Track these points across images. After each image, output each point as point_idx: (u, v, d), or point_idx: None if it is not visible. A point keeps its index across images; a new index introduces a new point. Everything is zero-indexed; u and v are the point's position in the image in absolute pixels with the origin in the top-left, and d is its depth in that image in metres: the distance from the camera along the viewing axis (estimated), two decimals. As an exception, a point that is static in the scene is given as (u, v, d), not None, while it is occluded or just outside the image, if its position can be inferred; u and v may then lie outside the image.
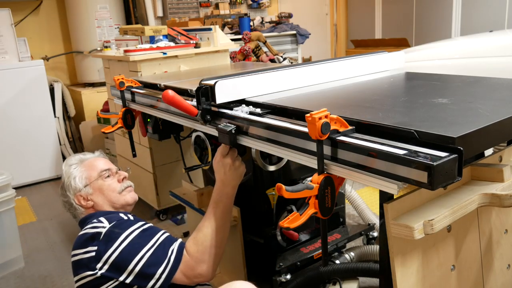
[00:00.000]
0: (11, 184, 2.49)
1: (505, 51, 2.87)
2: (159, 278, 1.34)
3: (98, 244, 1.36)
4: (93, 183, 1.57)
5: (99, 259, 1.34)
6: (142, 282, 1.34)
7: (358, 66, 1.81)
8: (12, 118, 3.80)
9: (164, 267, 1.35)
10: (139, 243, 1.36)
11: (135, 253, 1.34)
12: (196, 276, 1.39)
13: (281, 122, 1.25)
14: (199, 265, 1.39)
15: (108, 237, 1.37)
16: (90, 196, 1.56)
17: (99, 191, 1.56)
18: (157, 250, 1.36)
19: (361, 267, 1.83)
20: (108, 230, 1.38)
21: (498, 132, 1.05)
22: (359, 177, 1.02)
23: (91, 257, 1.35)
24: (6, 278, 2.44)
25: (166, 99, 1.49)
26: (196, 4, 5.23)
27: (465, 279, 1.25)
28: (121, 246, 1.35)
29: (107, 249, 1.35)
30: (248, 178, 1.88)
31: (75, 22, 4.55)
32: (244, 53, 3.66)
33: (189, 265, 1.38)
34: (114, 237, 1.37)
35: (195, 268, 1.38)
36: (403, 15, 5.87)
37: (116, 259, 1.33)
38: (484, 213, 1.29)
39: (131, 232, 1.39)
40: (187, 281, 1.39)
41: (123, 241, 1.36)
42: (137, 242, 1.36)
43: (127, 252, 1.34)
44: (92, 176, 1.58)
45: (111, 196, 1.57)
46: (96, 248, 1.36)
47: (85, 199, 1.56)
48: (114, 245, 1.35)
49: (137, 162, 2.93)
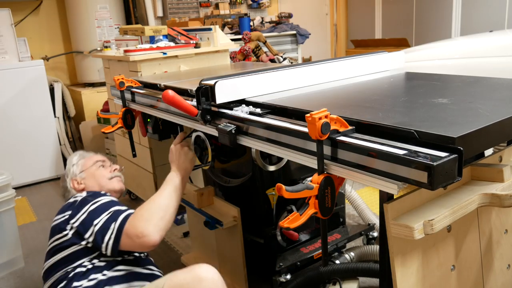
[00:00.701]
0: (11, 184, 2.49)
1: (505, 51, 2.87)
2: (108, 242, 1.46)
3: (72, 209, 1.57)
4: (88, 169, 1.79)
5: (71, 219, 1.53)
6: (97, 244, 1.48)
7: (358, 66, 1.81)
8: (12, 118, 3.80)
9: (113, 228, 1.47)
10: (101, 209, 1.53)
11: (97, 216, 1.51)
12: (138, 234, 1.43)
13: (281, 122, 1.25)
14: (142, 224, 1.45)
15: (81, 203, 1.58)
16: (83, 180, 1.77)
17: (91, 176, 1.78)
18: (114, 213, 1.51)
19: (361, 267, 1.83)
20: (83, 198, 1.60)
21: (498, 132, 1.05)
22: (359, 177, 1.02)
23: (65, 220, 1.55)
24: (6, 278, 2.44)
25: (166, 99, 1.49)
26: (196, 4, 5.23)
27: (465, 279, 1.25)
28: (89, 209, 1.53)
29: (78, 212, 1.54)
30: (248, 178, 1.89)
31: (75, 22, 4.55)
32: (244, 53, 3.66)
33: (132, 224, 1.46)
34: (85, 203, 1.57)
35: (138, 225, 1.45)
36: (403, 15, 5.87)
37: (84, 219, 1.51)
38: (484, 213, 1.29)
39: (100, 200, 1.58)
40: (130, 242, 1.45)
41: (91, 205, 1.55)
42: (101, 208, 1.54)
43: (92, 214, 1.52)
44: (87, 164, 1.81)
45: (101, 180, 1.77)
46: (70, 212, 1.56)
47: (78, 183, 1.76)
48: (83, 209, 1.54)
49: (137, 162, 2.93)
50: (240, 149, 1.85)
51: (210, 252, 2.12)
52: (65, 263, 1.51)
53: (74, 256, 1.51)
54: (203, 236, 2.15)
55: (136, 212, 1.51)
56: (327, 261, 1.91)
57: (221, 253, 2.04)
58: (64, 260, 1.52)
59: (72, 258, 1.51)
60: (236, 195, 2.04)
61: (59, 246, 1.53)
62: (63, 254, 1.52)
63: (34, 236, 2.94)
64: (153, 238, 1.44)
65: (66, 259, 1.51)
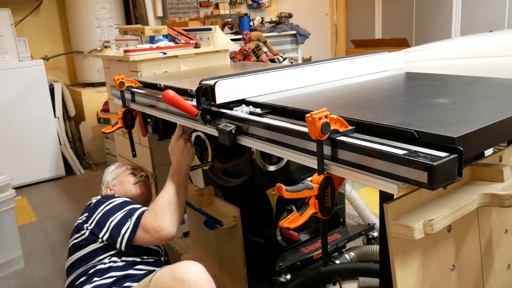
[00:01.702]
0: (11, 184, 2.49)
1: (505, 51, 2.87)
2: (124, 235, 1.57)
3: (89, 211, 1.70)
4: (118, 177, 1.95)
5: (88, 220, 1.66)
6: (112, 239, 1.58)
7: (358, 66, 1.81)
8: (12, 118, 3.80)
9: (129, 224, 1.58)
10: (117, 208, 1.65)
11: (112, 214, 1.62)
12: (156, 229, 1.56)
13: (281, 122, 1.25)
14: (159, 219, 1.57)
15: (96, 204, 1.70)
16: (113, 187, 1.92)
17: (120, 182, 1.93)
18: (129, 211, 1.63)
19: (361, 267, 1.83)
20: (97, 200, 1.73)
21: (498, 132, 1.05)
22: (359, 177, 1.02)
23: (83, 221, 1.68)
24: (6, 278, 2.44)
25: (166, 99, 1.49)
26: (196, 4, 5.23)
27: (465, 279, 1.25)
28: (104, 209, 1.65)
29: (95, 211, 1.67)
30: (248, 178, 1.89)
31: (75, 22, 4.54)
32: (244, 53, 3.66)
33: (149, 219, 1.58)
34: (99, 204, 1.69)
35: (155, 221, 1.57)
36: (403, 15, 5.87)
37: (98, 219, 1.63)
38: (484, 213, 1.29)
39: (114, 201, 1.69)
40: (148, 236, 1.57)
41: (106, 206, 1.67)
42: (115, 208, 1.65)
43: (107, 213, 1.63)
44: (119, 172, 1.98)
45: (126, 185, 1.91)
46: (87, 214, 1.69)
47: (110, 189, 1.92)
48: (98, 210, 1.66)
49: (137, 162, 2.92)
50: (240, 149, 1.85)
51: (210, 252, 2.12)
52: (85, 260, 1.61)
53: (93, 253, 1.61)
54: (203, 236, 2.15)
55: (151, 208, 1.62)
56: (327, 261, 1.91)
57: (221, 253, 2.04)
58: (84, 257, 1.62)
59: (92, 256, 1.61)
60: (236, 195, 2.04)
61: (79, 244, 1.64)
62: (83, 252, 1.63)
63: (34, 236, 2.94)
64: (170, 231, 1.57)
65: (86, 256, 1.62)
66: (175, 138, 1.78)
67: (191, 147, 1.78)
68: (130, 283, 1.51)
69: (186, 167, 1.74)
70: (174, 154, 1.76)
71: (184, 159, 1.74)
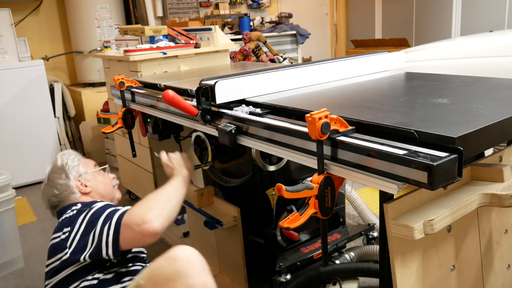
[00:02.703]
0: (11, 184, 2.49)
1: (505, 51, 2.87)
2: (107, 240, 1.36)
3: (70, 224, 1.45)
4: (93, 172, 1.71)
5: (69, 237, 1.42)
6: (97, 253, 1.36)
7: (358, 66, 1.81)
8: (12, 118, 3.80)
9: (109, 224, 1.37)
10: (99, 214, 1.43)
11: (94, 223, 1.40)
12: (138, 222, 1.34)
13: (281, 122, 1.25)
14: (142, 211, 1.37)
15: (76, 214, 1.48)
16: (87, 183, 1.67)
17: (95, 181, 1.70)
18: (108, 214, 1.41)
19: (361, 267, 1.83)
20: (78, 210, 1.49)
21: (498, 132, 1.05)
22: (359, 177, 1.02)
23: (65, 238, 1.43)
24: (6, 278, 2.44)
25: (166, 99, 1.49)
26: (196, 4, 5.23)
27: (465, 279, 1.25)
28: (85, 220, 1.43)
29: (74, 224, 1.44)
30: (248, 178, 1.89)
31: (75, 22, 4.54)
32: (244, 53, 3.66)
33: (131, 212, 1.38)
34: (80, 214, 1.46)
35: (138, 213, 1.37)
36: (403, 15, 5.87)
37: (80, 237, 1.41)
38: (484, 213, 1.29)
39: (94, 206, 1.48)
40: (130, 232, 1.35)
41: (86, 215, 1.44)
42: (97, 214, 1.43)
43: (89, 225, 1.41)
44: (90, 166, 1.74)
45: (107, 187, 1.73)
46: (69, 228, 1.44)
47: (83, 185, 1.65)
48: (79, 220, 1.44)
49: (137, 162, 2.93)
50: (240, 149, 1.85)
51: (210, 252, 2.12)
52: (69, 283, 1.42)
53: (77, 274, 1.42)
54: (203, 236, 2.15)
55: (135, 204, 1.43)
56: (327, 261, 1.91)
57: (221, 253, 2.04)
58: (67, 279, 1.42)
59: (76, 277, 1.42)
60: (236, 195, 2.04)
61: (60, 265, 1.42)
62: (66, 272, 1.42)
63: (34, 236, 2.94)
64: (154, 225, 1.33)
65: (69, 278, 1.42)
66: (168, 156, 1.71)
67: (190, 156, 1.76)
68: None
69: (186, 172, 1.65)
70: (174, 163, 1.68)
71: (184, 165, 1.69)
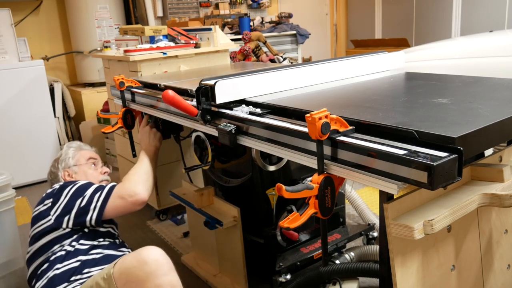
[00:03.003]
0: (11, 184, 2.48)
1: (505, 51, 2.87)
2: (95, 207, 1.63)
3: (52, 196, 1.68)
4: (81, 165, 1.89)
5: (53, 206, 1.64)
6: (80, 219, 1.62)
7: (358, 66, 1.81)
8: (12, 118, 3.80)
9: (99, 196, 1.65)
10: (85, 188, 1.68)
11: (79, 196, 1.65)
12: (131, 193, 1.68)
13: (281, 122, 1.25)
14: (133, 184, 1.72)
15: (60, 188, 1.69)
16: (74, 174, 1.87)
17: (83, 174, 1.88)
18: (97, 188, 1.69)
19: (361, 267, 1.83)
20: (62, 184, 1.71)
21: (498, 132, 1.05)
22: (359, 177, 1.02)
23: (47, 208, 1.66)
24: (6, 278, 2.44)
25: (166, 99, 1.49)
26: (196, 4, 5.23)
27: (465, 279, 1.25)
28: (70, 191, 1.66)
29: (59, 196, 1.66)
30: (248, 178, 1.89)
31: (75, 22, 4.54)
32: (244, 53, 3.66)
33: (123, 186, 1.70)
34: (65, 187, 1.69)
35: (129, 186, 1.70)
36: (403, 15, 5.87)
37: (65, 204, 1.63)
38: (484, 213, 1.29)
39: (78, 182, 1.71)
40: (123, 202, 1.67)
41: (71, 188, 1.67)
42: (82, 188, 1.68)
43: (74, 196, 1.65)
44: (81, 160, 1.91)
45: (92, 181, 1.83)
46: (51, 200, 1.67)
47: (70, 176, 1.86)
48: (64, 192, 1.66)
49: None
50: (240, 149, 1.85)
51: (210, 252, 2.12)
52: (48, 248, 1.61)
53: (56, 240, 1.61)
54: (203, 236, 2.15)
55: (124, 179, 1.76)
56: (327, 261, 1.91)
57: (221, 253, 2.04)
58: (46, 245, 1.62)
59: (54, 243, 1.61)
60: (236, 195, 2.04)
61: (42, 231, 1.62)
62: (46, 239, 1.62)
63: (34, 236, 2.93)
64: (143, 196, 1.71)
65: (49, 244, 1.62)
66: (143, 125, 2.05)
67: (157, 131, 2.03)
68: (88, 269, 1.56)
69: (154, 148, 1.98)
70: (143, 139, 2.00)
71: (152, 142, 1.99)
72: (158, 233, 2.71)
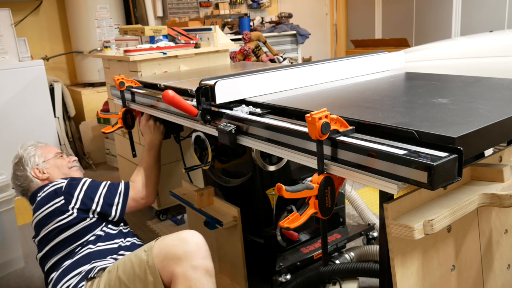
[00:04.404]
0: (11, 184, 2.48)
1: (505, 51, 2.87)
2: (118, 204, 1.77)
3: (62, 194, 1.70)
4: (50, 160, 1.92)
5: (69, 202, 1.68)
6: (106, 210, 1.73)
7: (358, 66, 1.81)
8: (12, 118, 3.80)
9: (119, 195, 1.80)
10: (95, 185, 1.78)
11: (95, 190, 1.75)
12: (143, 197, 1.90)
13: (281, 122, 1.25)
14: (144, 189, 1.92)
15: (69, 186, 1.73)
16: (46, 170, 1.89)
17: (55, 166, 1.92)
18: (111, 186, 1.82)
19: (361, 267, 1.83)
20: (67, 183, 1.75)
21: (498, 132, 1.05)
22: (359, 177, 1.02)
23: (62, 204, 1.67)
24: (6, 278, 2.44)
25: (166, 99, 1.49)
26: (196, 4, 5.23)
27: (465, 279, 1.25)
28: (83, 187, 1.73)
29: (72, 193, 1.70)
30: (248, 178, 1.89)
31: (75, 22, 4.54)
32: (244, 53, 3.66)
33: (137, 189, 1.90)
34: (74, 185, 1.74)
35: (142, 190, 1.91)
36: (403, 15, 5.87)
37: (83, 197, 1.70)
38: (484, 213, 1.29)
39: (86, 180, 1.79)
40: (136, 204, 1.87)
41: (83, 185, 1.75)
42: (93, 185, 1.77)
43: (90, 190, 1.74)
44: (48, 155, 1.94)
45: (64, 169, 1.92)
46: (62, 197, 1.69)
47: (41, 172, 1.88)
48: (77, 189, 1.72)
49: (137, 162, 2.92)
50: (240, 149, 1.85)
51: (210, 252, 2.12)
52: (74, 239, 1.66)
53: (83, 231, 1.67)
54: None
55: (136, 180, 1.93)
56: (327, 261, 1.91)
57: (221, 253, 2.04)
58: (72, 236, 1.66)
59: (82, 233, 1.67)
60: (236, 195, 2.04)
61: (67, 224, 1.66)
62: (72, 231, 1.67)
63: (34, 236, 2.93)
64: (153, 199, 1.96)
65: (75, 235, 1.67)
66: (145, 120, 2.09)
67: (160, 124, 2.09)
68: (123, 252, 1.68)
69: (158, 141, 2.07)
70: (147, 133, 2.07)
71: (156, 135, 2.06)
72: (158, 233, 2.71)
